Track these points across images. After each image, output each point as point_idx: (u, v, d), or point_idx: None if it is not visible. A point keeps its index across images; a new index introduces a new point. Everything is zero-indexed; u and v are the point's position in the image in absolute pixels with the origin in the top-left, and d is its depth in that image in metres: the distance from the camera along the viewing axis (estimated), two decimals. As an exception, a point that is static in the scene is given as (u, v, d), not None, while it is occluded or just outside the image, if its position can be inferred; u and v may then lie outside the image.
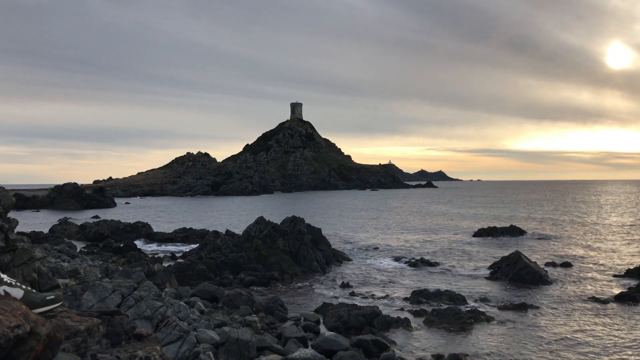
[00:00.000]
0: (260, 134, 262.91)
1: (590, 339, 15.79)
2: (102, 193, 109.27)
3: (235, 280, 24.75)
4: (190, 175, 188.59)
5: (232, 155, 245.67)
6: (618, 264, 29.18)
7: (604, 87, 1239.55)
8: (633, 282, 23.47)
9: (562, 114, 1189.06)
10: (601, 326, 17.18)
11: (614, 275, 25.96)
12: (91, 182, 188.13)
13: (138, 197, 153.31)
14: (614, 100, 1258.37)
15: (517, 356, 14.23)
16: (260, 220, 30.71)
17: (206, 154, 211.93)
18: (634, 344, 15.31)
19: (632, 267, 26.31)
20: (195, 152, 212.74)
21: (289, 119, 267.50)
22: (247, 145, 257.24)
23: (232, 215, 74.71)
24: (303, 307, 19.97)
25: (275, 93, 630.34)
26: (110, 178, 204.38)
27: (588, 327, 17.02)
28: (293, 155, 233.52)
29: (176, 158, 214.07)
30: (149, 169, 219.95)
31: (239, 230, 34.50)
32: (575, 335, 16.11)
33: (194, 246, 35.44)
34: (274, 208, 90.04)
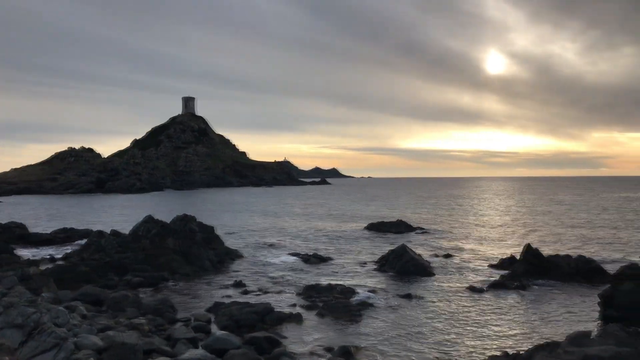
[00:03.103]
0: (150, 129, 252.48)
1: (467, 324, 17.01)
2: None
3: (121, 282, 23.55)
4: (72, 172, 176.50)
5: (119, 151, 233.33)
6: (493, 255, 31.65)
7: (483, 91, 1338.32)
8: (504, 271, 25.59)
9: (446, 115, 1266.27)
10: (476, 312, 18.59)
11: (489, 265, 28.13)
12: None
13: (12, 195, 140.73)
14: (491, 103, 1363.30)
15: (402, 343, 14.95)
16: (149, 219, 29.51)
17: (90, 149, 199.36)
18: (503, 327, 16.73)
19: (504, 258, 28.68)
20: (78, 147, 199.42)
21: (181, 113, 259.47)
22: (136, 140, 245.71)
23: (118, 214, 71.06)
24: (194, 307, 19.50)
25: (167, 86, 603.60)
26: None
27: (465, 313, 18.32)
28: (185, 151, 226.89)
29: (56, 153, 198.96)
30: (24, 164, 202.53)
31: (125, 229, 32.85)
32: (454, 321, 17.27)
33: (76, 247, 33.25)
34: (164, 206, 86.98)
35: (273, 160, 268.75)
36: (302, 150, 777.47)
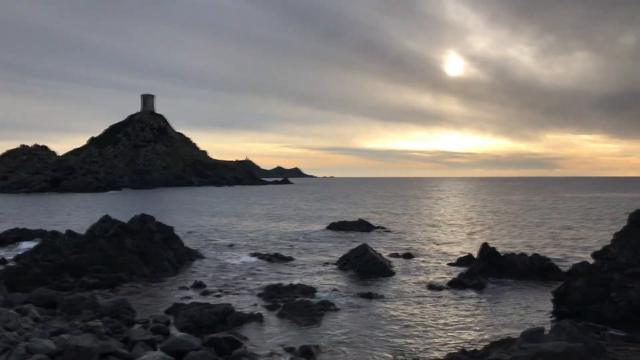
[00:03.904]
0: (108, 127, 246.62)
1: (426, 321, 17.28)
2: None
3: (76, 284, 22.89)
4: (25, 170, 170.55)
5: (75, 149, 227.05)
6: (452, 253, 32.26)
7: (442, 93, 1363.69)
8: (462, 269, 26.12)
9: (405, 116, 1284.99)
10: (434, 309, 18.91)
11: (448, 264, 28.66)
12: None
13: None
14: (450, 105, 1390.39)
15: (363, 342, 15.06)
16: (106, 219, 28.77)
17: (44, 147, 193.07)
18: (460, 324, 17.08)
19: (462, 256, 29.30)
20: (31, 145, 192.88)
21: (139, 111, 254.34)
22: (93, 138, 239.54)
23: (74, 213, 69.08)
24: (152, 308, 19.13)
25: (125, 83, 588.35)
26: None
27: (424, 311, 18.61)
28: (144, 149, 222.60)
29: (8, 151, 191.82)
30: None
31: (81, 230, 31.96)
32: (414, 319, 17.51)
33: (29, 248, 32.13)
34: (122, 206, 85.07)
35: (234, 160, 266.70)
36: (264, 149, 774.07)
